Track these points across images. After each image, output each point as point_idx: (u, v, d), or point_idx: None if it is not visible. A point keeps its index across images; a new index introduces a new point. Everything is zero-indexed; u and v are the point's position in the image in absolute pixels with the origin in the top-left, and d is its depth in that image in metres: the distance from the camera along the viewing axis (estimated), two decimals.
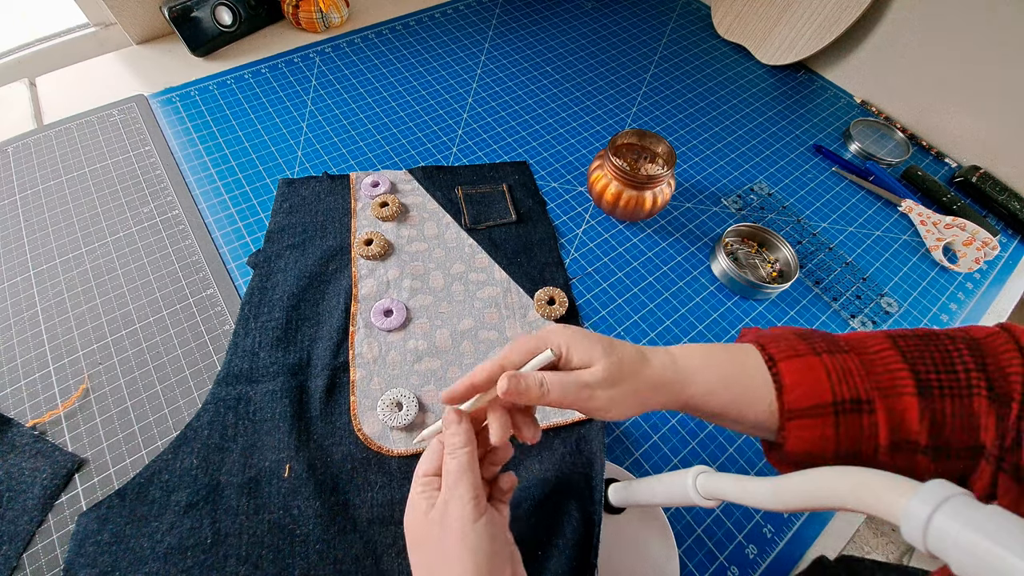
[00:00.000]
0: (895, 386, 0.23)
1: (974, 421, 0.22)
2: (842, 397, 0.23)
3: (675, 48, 0.68)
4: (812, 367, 0.24)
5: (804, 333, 0.26)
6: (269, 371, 0.36)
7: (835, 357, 0.24)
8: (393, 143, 0.53)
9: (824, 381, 0.23)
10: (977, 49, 0.53)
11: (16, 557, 0.29)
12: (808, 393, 0.23)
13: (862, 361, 0.24)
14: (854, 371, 0.23)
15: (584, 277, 0.45)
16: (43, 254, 0.42)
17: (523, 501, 0.32)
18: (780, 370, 0.24)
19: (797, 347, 0.25)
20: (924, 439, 0.22)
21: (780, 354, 0.25)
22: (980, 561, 0.13)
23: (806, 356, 0.24)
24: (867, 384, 0.23)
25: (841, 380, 0.23)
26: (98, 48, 0.60)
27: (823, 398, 0.23)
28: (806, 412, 0.23)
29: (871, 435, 0.23)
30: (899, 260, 0.49)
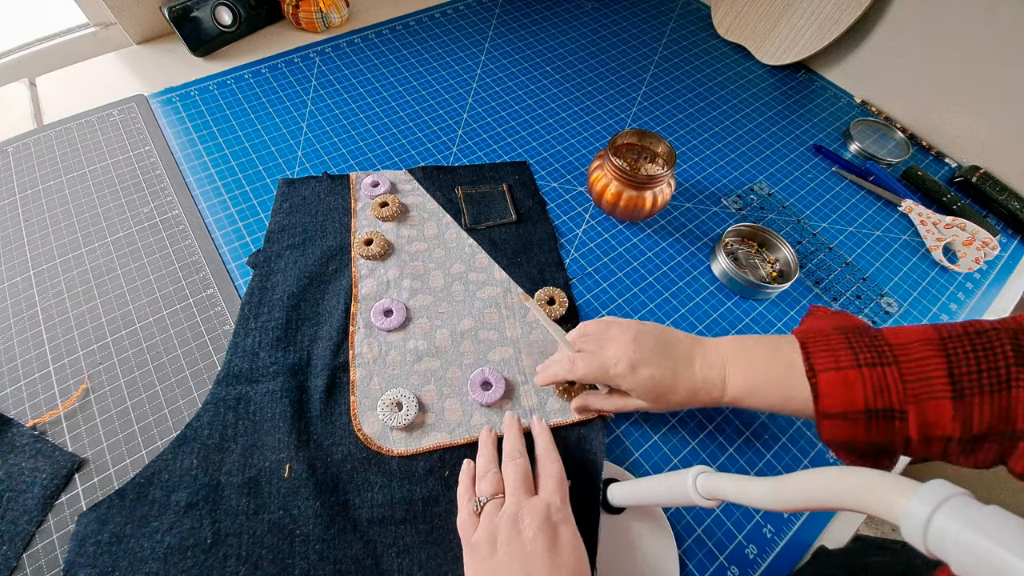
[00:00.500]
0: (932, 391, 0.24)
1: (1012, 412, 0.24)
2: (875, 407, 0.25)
3: (675, 48, 0.68)
4: (850, 382, 0.26)
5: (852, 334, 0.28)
6: (269, 371, 0.36)
7: (875, 370, 0.26)
8: (393, 143, 0.53)
9: (859, 394, 0.25)
10: (977, 49, 0.53)
11: (16, 557, 0.29)
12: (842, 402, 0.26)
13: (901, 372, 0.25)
14: (891, 385, 0.25)
15: (584, 277, 0.45)
16: (43, 254, 0.42)
17: None
18: (819, 381, 0.26)
19: (840, 357, 0.27)
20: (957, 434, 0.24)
21: (820, 364, 0.27)
22: (980, 561, 0.13)
23: (847, 370, 0.26)
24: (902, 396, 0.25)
25: (877, 394, 0.25)
26: (98, 48, 0.60)
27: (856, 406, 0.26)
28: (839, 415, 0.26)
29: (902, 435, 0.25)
30: (899, 260, 0.49)
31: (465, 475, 0.31)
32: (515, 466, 0.30)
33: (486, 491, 0.29)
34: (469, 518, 0.28)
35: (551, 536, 0.26)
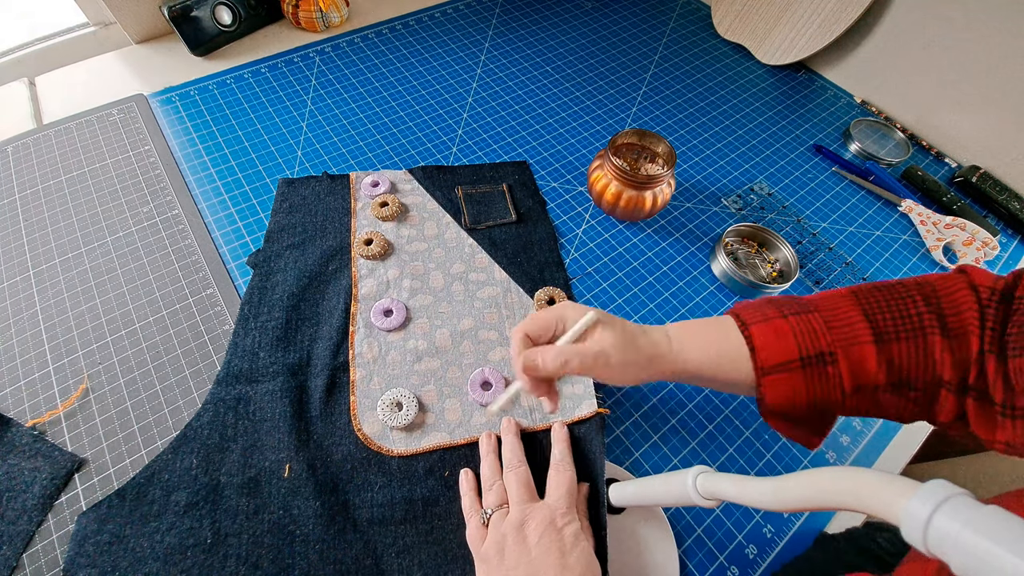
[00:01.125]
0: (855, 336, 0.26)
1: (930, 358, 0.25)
2: (807, 352, 0.26)
3: (675, 48, 0.68)
4: (779, 329, 0.27)
5: (777, 300, 0.29)
6: (269, 371, 0.36)
7: (801, 318, 0.27)
8: (393, 143, 0.53)
9: (791, 340, 0.26)
10: (977, 49, 0.53)
11: (16, 557, 0.29)
12: (777, 351, 0.26)
13: (825, 319, 0.26)
14: (817, 329, 0.26)
15: (584, 277, 0.45)
16: (42, 254, 0.41)
17: None
18: (751, 333, 0.27)
19: (767, 312, 0.28)
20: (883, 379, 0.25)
21: (751, 319, 0.28)
22: (980, 561, 0.13)
23: (774, 320, 0.27)
24: (829, 339, 0.26)
25: (806, 338, 0.26)
26: (98, 48, 0.60)
27: (791, 355, 0.26)
28: (777, 368, 0.27)
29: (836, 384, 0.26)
30: (899, 260, 0.49)
31: (467, 487, 0.31)
32: (516, 475, 0.30)
33: (492, 502, 0.29)
34: (477, 531, 0.29)
35: (556, 540, 0.26)
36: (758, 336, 0.27)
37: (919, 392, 0.26)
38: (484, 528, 0.29)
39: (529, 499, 0.29)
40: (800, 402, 0.27)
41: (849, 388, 0.26)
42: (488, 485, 0.31)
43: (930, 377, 0.25)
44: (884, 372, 0.25)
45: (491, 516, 0.29)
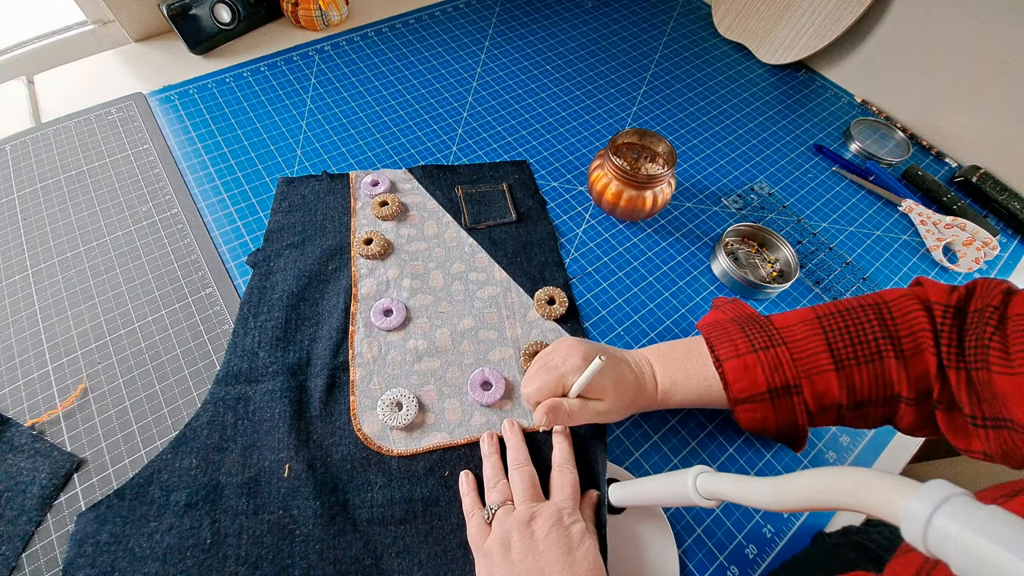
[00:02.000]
0: (818, 366, 0.29)
1: (886, 378, 0.28)
2: (775, 385, 0.30)
3: (675, 47, 0.68)
4: (749, 365, 0.30)
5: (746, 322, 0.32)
6: (269, 371, 0.36)
7: (769, 352, 0.30)
8: (393, 142, 0.52)
9: (759, 375, 0.30)
10: (977, 49, 0.53)
11: (15, 557, 0.29)
12: (748, 385, 0.30)
13: (791, 350, 0.30)
14: (784, 363, 0.30)
15: (584, 277, 0.45)
16: (41, 253, 0.41)
17: None
18: (724, 369, 0.31)
19: (739, 345, 0.31)
20: (844, 400, 0.29)
21: (724, 355, 0.31)
22: (980, 561, 0.13)
23: (745, 355, 0.30)
24: (795, 371, 0.29)
25: (774, 372, 0.30)
26: (96, 46, 0.60)
27: (759, 388, 0.30)
28: (747, 399, 0.30)
29: (801, 409, 0.30)
30: (899, 260, 0.49)
31: (468, 487, 0.31)
32: (521, 473, 0.30)
33: (495, 500, 0.29)
34: (480, 528, 0.29)
35: (564, 537, 0.26)
36: (730, 372, 0.30)
37: (878, 408, 0.29)
38: (487, 525, 0.29)
39: (535, 497, 0.29)
40: (770, 425, 0.31)
41: (814, 411, 0.29)
42: (491, 484, 0.31)
43: (888, 394, 0.28)
44: (845, 395, 0.29)
45: (495, 512, 0.29)
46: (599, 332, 0.41)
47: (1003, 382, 0.23)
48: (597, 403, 0.31)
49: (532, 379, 0.32)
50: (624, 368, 0.32)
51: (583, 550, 0.26)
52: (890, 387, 0.28)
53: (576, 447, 0.34)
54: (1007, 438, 0.24)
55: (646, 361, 0.33)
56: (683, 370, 0.32)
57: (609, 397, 0.31)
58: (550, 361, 0.32)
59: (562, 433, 0.33)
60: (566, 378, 0.31)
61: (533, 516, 0.27)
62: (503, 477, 0.31)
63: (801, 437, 0.31)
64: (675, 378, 0.32)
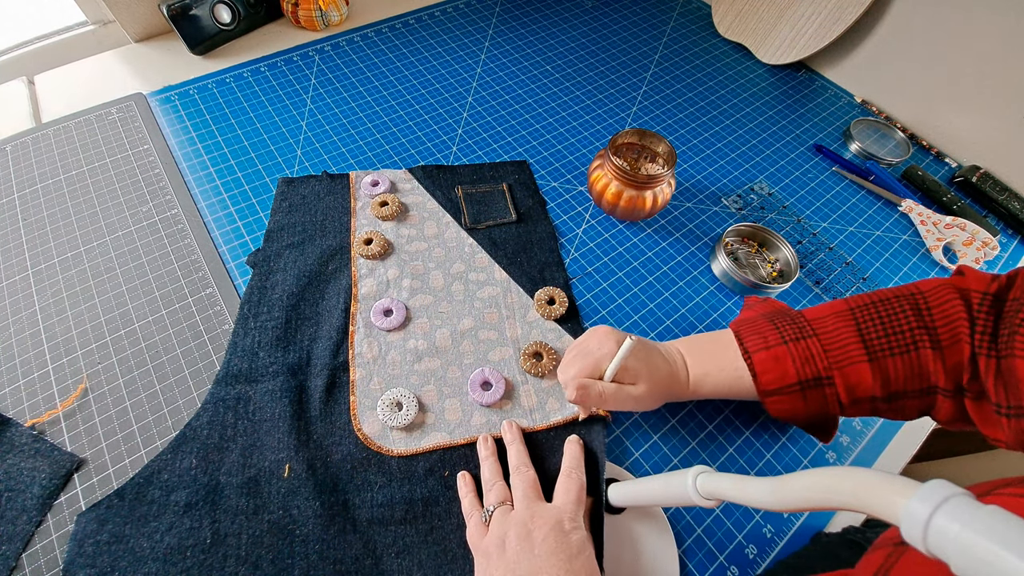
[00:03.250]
0: (850, 358, 0.28)
1: (923, 369, 0.27)
2: (805, 377, 0.29)
3: (675, 47, 0.68)
4: (779, 357, 0.30)
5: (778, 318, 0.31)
6: (269, 371, 0.36)
7: (799, 344, 0.29)
8: (393, 142, 0.52)
9: (790, 366, 0.29)
10: (978, 49, 0.53)
11: (15, 557, 0.29)
12: (777, 377, 0.30)
13: (822, 342, 0.29)
14: (815, 354, 0.29)
15: (584, 277, 0.45)
16: (41, 253, 0.41)
17: None
18: (753, 361, 0.30)
19: (768, 338, 0.30)
20: (879, 392, 0.28)
21: (753, 346, 0.30)
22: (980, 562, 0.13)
23: (775, 347, 0.30)
24: (826, 363, 0.29)
25: (804, 363, 0.29)
26: (96, 46, 0.60)
27: (790, 379, 0.29)
28: (777, 391, 0.30)
29: (833, 401, 0.29)
30: (899, 260, 0.49)
31: (467, 488, 0.31)
32: (523, 477, 0.30)
33: (493, 500, 0.29)
34: (478, 528, 0.29)
35: (562, 540, 0.26)
36: (759, 363, 0.30)
37: (915, 400, 0.28)
38: (485, 526, 0.29)
39: (536, 499, 0.29)
40: (800, 416, 0.30)
41: (846, 402, 0.29)
42: (489, 486, 0.31)
43: (925, 386, 0.27)
44: (879, 386, 0.28)
45: (493, 513, 0.29)
46: None
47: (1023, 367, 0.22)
48: (632, 387, 0.31)
49: (569, 366, 0.32)
50: (656, 356, 0.32)
51: (582, 559, 0.25)
52: (926, 378, 0.27)
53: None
54: None
55: (677, 352, 0.33)
56: (714, 362, 0.32)
57: (643, 382, 0.31)
58: (585, 347, 0.32)
59: (575, 440, 0.33)
60: (601, 363, 0.31)
61: (532, 518, 0.27)
62: (501, 479, 0.31)
63: (831, 428, 0.31)
64: (707, 369, 0.32)
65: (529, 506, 0.28)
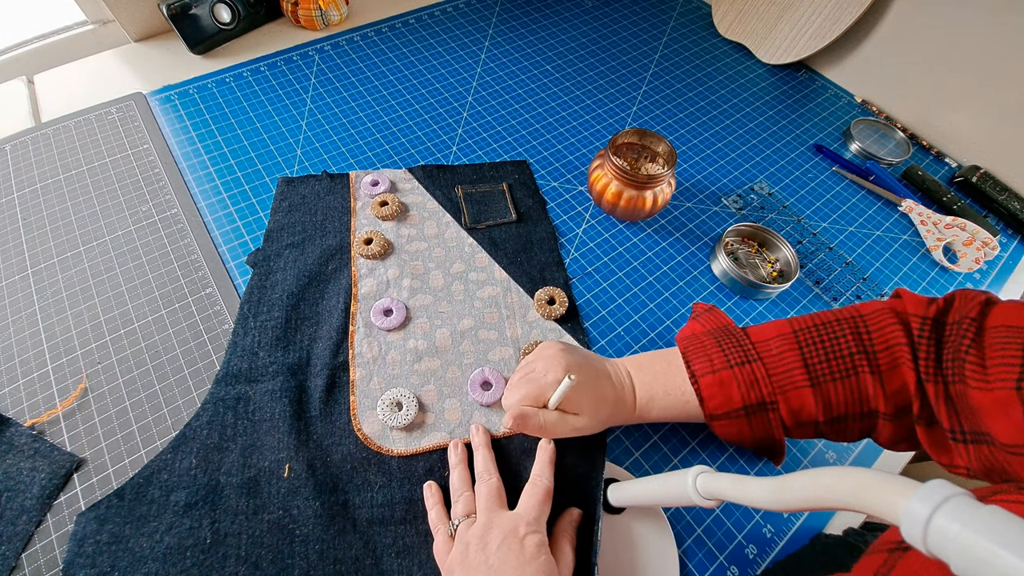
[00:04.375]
0: (793, 383, 0.29)
1: (863, 394, 0.28)
2: (750, 402, 0.29)
3: (675, 47, 0.68)
4: (724, 381, 0.30)
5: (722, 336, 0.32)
6: (268, 371, 0.36)
7: (744, 368, 0.30)
8: (393, 142, 0.52)
9: (735, 391, 0.30)
10: (978, 49, 0.53)
11: (15, 557, 0.29)
12: (723, 402, 0.30)
13: (766, 366, 0.29)
14: (760, 379, 0.29)
15: (584, 277, 0.45)
16: (41, 253, 0.41)
17: None
18: (700, 386, 0.31)
19: (714, 361, 0.31)
20: (821, 416, 0.29)
21: (700, 370, 0.31)
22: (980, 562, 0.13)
23: (720, 371, 0.30)
24: (770, 387, 0.29)
25: (749, 388, 0.29)
26: (96, 46, 0.60)
27: (735, 404, 0.30)
28: (723, 416, 0.30)
29: (777, 424, 0.30)
30: (899, 260, 0.49)
31: (433, 500, 0.31)
32: (487, 486, 0.29)
33: (460, 513, 0.29)
34: (445, 543, 0.28)
35: (516, 549, 0.25)
36: (705, 388, 0.30)
37: (856, 423, 0.29)
38: (450, 540, 0.28)
39: (498, 508, 0.28)
40: (746, 439, 0.31)
41: (791, 426, 0.30)
42: (456, 496, 0.30)
43: (865, 410, 0.28)
44: (822, 411, 0.29)
45: (458, 526, 0.28)
46: (599, 332, 0.41)
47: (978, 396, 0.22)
48: (574, 417, 0.31)
49: (514, 389, 0.32)
50: (604, 383, 0.31)
51: (536, 564, 0.25)
52: (867, 403, 0.28)
53: (576, 447, 0.34)
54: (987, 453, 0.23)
55: (627, 373, 0.33)
56: (661, 384, 0.32)
57: (585, 412, 0.31)
58: (532, 372, 0.32)
59: (546, 445, 0.32)
60: (546, 390, 0.30)
61: (489, 528, 0.26)
62: (469, 489, 0.30)
63: (779, 451, 0.32)
64: (653, 392, 0.32)
65: (489, 515, 0.27)
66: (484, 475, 0.30)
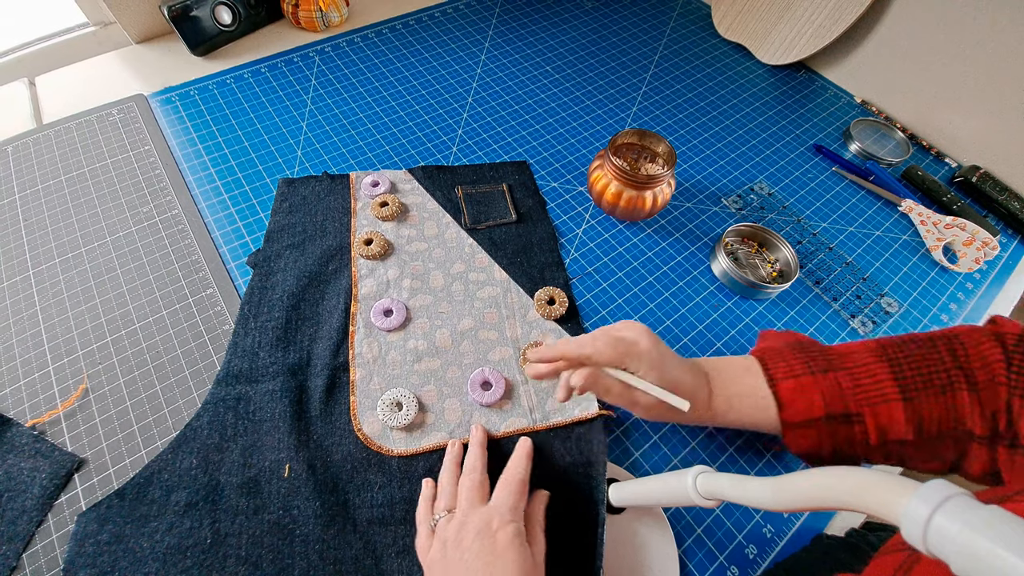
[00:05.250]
0: (882, 395, 0.26)
1: (959, 412, 0.25)
2: (833, 411, 0.27)
3: (675, 48, 0.68)
4: (806, 387, 0.28)
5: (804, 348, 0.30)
6: (269, 371, 0.36)
7: (827, 376, 0.27)
8: (393, 143, 0.53)
9: (817, 399, 0.27)
10: (977, 49, 0.53)
11: (16, 557, 0.29)
12: (803, 409, 0.27)
13: (852, 376, 0.27)
14: (845, 389, 0.27)
15: (584, 277, 0.45)
16: (42, 254, 0.41)
17: None
18: (779, 390, 0.28)
19: (794, 367, 0.29)
20: (911, 435, 0.26)
21: (779, 375, 0.29)
22: (980, 561, 0.13)
23: (802, 376, 0.28)
24: (857, 399, 0.27)
25: (833, 398, 0.27)
26: (97, 47, 0.60)
27: (816, 414, 0.27)
28: (802, 424, 0.28)
29: (862, 439, 0.27)
30: (899, 260, 0.49)
31: (426, 494, 0.31)
32: (469, 480, 0.29)
33: (442, 507, 0.29)
34: (426, 539, 0.28)
35: (488, 544, 0.25)
36: (785, 393, 0.28)
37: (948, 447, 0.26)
38: (432, 535, 0.28)
39: (478, 503, 0.28)
40: (825, 453, 0.28)
41: (875, 444, 0.26)
42: (442, 492, 0.30)
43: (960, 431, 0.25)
44: (913, 429, 0.26)
45: (438, 522, 0.28)
46: None
47: None
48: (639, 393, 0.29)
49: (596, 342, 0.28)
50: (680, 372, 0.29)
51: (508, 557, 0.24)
52: (961, 422, 0.25)
53: (575, 447, 0.34)
54: None
55: (703, 372, 0.31)
56: (738, 387, 0.30)
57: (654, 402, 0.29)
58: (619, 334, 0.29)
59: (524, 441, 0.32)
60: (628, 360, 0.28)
61: (465, 523, 0.26)
62: (454, 484, 0.30)
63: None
64: (731, 393, 0.30)
65: (467, 510, 0.27)
66: (469, 471, 0.30)
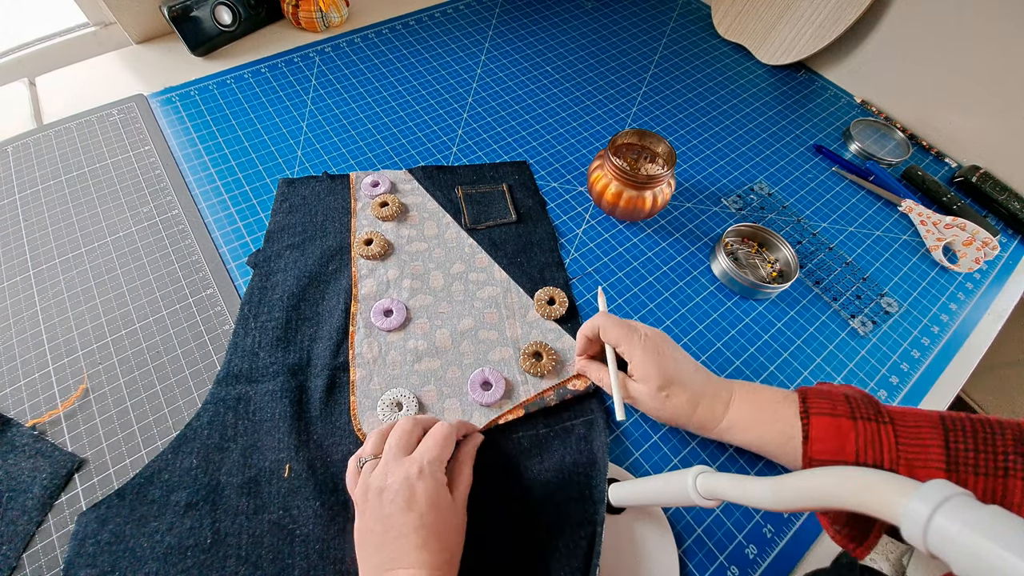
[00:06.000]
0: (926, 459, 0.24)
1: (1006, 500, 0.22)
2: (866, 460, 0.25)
3: (675, 48, 0.68)
4: (842, 428, 0.26)
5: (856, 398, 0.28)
6: (269, 371, 0.36)
7: (870, 424, 0.26)
8: (393, 143, 0.53)
9: (851, 444, 0.25)
10: (977, 49, 0.53)
11: (16, 557, 0.29)
12: (832, 449, 0.26)
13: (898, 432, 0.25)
14: (885, 442, 0.25)
15: (584, 277, 0.45)
16: (42, 254, 0.41)
17: (524, 501, 0.32)
18: (810, 423, 0.27)
19: (836, 408, 0.27)
20: None
21: (815, 409, 0.27)
22: (980, 561, 0.13)
23: (841, 418, 0.26)
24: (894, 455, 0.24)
25: (868, 446, 0.25)
26: (97, 48, 0.60)
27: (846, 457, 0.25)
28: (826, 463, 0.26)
29: None
30: (899, 260, 0.49)
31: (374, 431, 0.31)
32: (399, 428, 0.30)
33: (368, 451, 0.29)
34: (353, 474, 0.29)
35: (407, 496, 0.26)
36: (816, 427, 0.26)
37: None
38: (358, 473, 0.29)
39: (402, 452, 0.28)
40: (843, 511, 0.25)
41: None
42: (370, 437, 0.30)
43: None
44: None
45: (364, 464, 0.29)
46: None
47: None
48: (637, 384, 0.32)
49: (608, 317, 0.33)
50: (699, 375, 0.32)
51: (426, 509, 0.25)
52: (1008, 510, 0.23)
53: (575, 447, 0.34)
54: None
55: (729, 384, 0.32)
56: (765, 411, 0.29)
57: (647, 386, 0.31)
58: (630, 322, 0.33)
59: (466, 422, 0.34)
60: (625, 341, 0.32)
61: (387, 473, 0.27)
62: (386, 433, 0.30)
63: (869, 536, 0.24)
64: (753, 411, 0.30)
65: (388, 460, 0.28)
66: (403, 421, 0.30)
